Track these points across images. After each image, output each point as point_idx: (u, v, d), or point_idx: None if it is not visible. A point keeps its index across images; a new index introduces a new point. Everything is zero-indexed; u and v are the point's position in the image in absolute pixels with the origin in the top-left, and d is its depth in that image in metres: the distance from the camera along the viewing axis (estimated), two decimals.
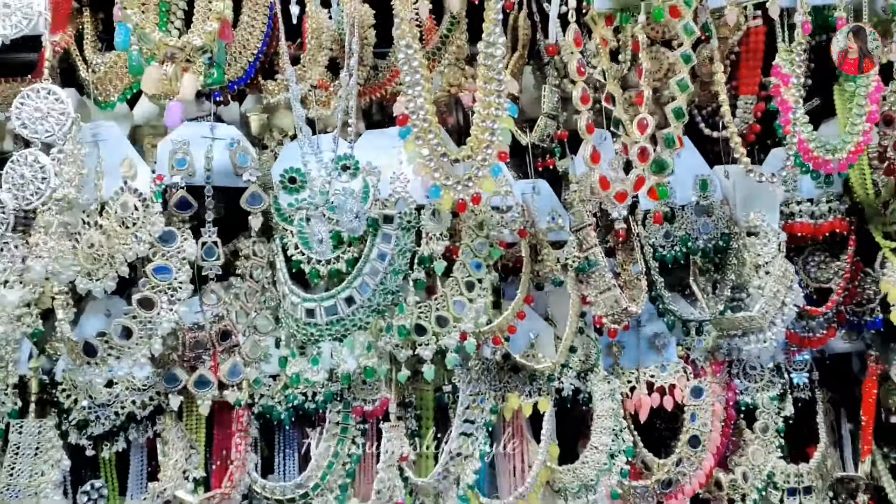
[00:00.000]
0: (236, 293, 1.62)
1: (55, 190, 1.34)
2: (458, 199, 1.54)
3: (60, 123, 1.37)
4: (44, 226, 1.33)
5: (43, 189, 1.34)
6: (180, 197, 1.59)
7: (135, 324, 1.51)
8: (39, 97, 1.37)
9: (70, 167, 1.36)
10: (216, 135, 1.63)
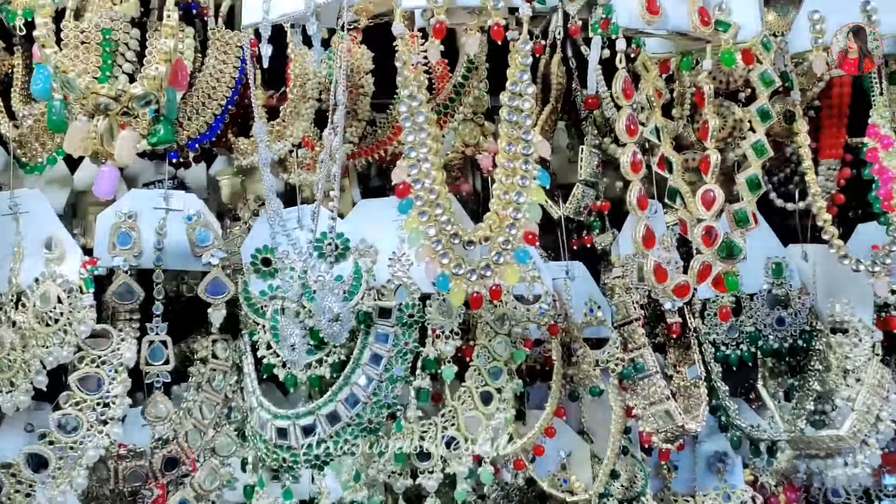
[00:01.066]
0: (189, 408, 1.28)
1: None
2: (472, 293, 1.19)
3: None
4: None
5: None
6: (121, 284, 1.26)
7: (52, 451, 1.17)
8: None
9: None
10: (171, 205, 1.30)
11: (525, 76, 1.18)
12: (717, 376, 1.50)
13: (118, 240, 1.27)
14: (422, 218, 1.19)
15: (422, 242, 1.19)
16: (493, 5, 1.13)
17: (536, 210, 1.20)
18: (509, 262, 1.20)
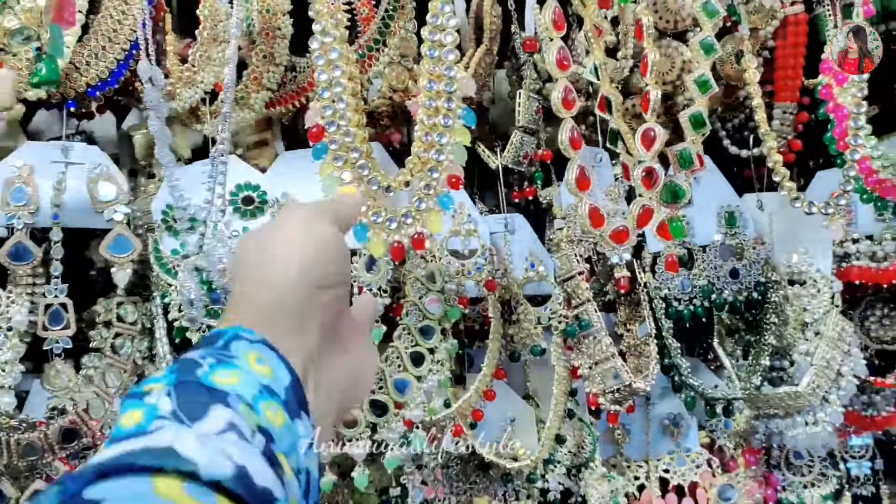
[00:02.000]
0: (89, 375, 1.18)
1: None
2: (392, 243, 1.10)
3: None
4: None
5: None
6: (16, 243, 1.16)
7: None
8: None
9: None
10: (71, 158, 1.20)
11: (447, 7, 1.08)
12: (669, 333, 1.41)
13: (12, 196, 1.17)
14: (337, 163, 1.10)
15: (337, 189, 1.11)
16: None
17: (461, 151, 1.11)
18: (432, 209, 1.11)
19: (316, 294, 0.68)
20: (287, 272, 0.67)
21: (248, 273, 0.68)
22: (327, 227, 0.72)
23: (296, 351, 0.65)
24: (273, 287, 0.66)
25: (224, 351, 0.59)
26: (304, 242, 0.69)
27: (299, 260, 0.68)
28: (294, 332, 0.66)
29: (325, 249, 0.70)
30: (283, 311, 0.66)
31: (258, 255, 0.69)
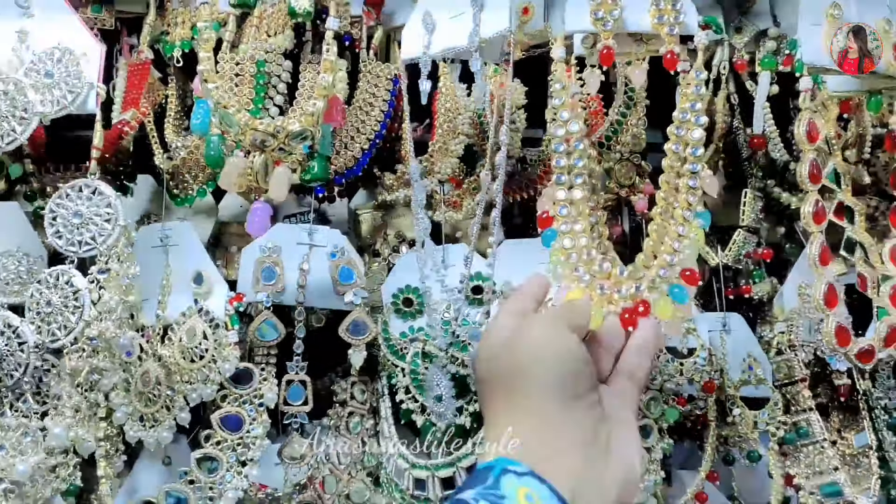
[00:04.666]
0: (327, 452, 1.24)
1: (89, 324, 1.00)
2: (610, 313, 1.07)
3: (105, 234, 1.04)
4: (70, 373, 0.99)
5: (74, 322, 1.00)
6: (264, 320, 1.23)
7: (192, 491, 1.14)
8: (81, 198, 1.04)
9: (112, 293, 1.01)
10: (315, 241, 1.27)
11: (697, 105, 1.08)
12: (891, 447, 1.35)
13: (262, 275, 1.24)
14: (565, 243, 1.09)
15: (565, 273, 1.10)
16: (668, 31, 1.05)
17: (694, 250, 1.10)
18: (662, 294, 1.09)
19: (572, 407, 0.69)
20: (544, 387, 0.68)
21: (501, 384, 0.70)
22: (569, 335, 0.73)
23: (563, 475, 0.66)
24: (532, 404, 0.68)
25: (495, 490, 0.61)
26: (555, 354, 0.70)
27: (554, 373, 0.69)
28: (558, 454, 0.67)
29: (574, 359, 0.71)
30: (545, 430, 0.67)
31: (509, 362, 0.70)
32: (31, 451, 0.97)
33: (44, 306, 1.01)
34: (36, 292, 1.02)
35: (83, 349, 0.99)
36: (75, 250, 1.03)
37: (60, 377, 1.00)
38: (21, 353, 1.00)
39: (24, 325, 1.00)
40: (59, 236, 1.04)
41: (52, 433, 0.97)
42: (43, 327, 1.01)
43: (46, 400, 1.01)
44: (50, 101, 1.05)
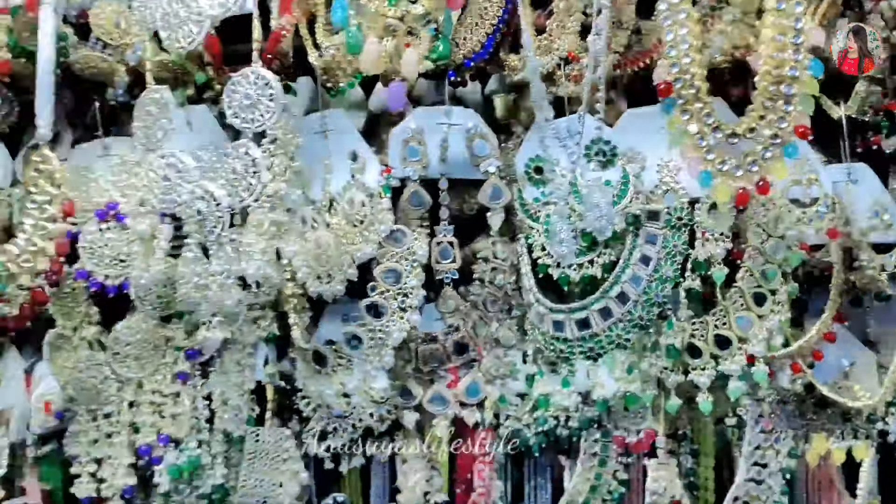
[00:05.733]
0: (474, 301, 1.42)
1: (266, 185, 1.23)
2: (737, 189, 1.19)
3: (271, 111, 1.26)
4: (255, 225, 1.22)
5: (255, 185, 1.24)
6: (413, 192, 1.42)
7: (364, 332, 1.37)
8: (248, 83, 1.27)
9: (282, 159, 1.24)
10: (452, 120, 1.44)
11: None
12: None
13: (408, 153, 1.43)
14: (684, 116, 1.21)
15: (685, 140, 1.21)
16: None
17: (808, 102, 1.17)
18: (777, 157, 1.18)
19: None
20: None
21: None
22: None
23: None
24: None
25: None
26: None
27: None
28: None
29: None
30: None
31: None
32: (234, 291, 1.21)
33: (230, 173, 1.25)
34: (224, 163, 1.26)
35: (263, 206, 1.22)
36: (249, 126, 1.26)
37: (249, 229, 1.24)
38: (217, 213, 1.24)
39: (218, 190, 1.25)
40: (235, 116, 1.27)
41: (248, 273, 1.21)
42: (232, 191, 1.25)
43: (240, 248, 1.25)
44: (218, 4, 1.27)
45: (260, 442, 1.46)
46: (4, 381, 1.50)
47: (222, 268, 1.22)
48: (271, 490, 1.45)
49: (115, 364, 1.42)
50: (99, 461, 1.45)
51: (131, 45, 1.38)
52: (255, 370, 1.46)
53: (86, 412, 1.45)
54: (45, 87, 1.24)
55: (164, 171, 1.28)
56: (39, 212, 1.26)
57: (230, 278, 1.23)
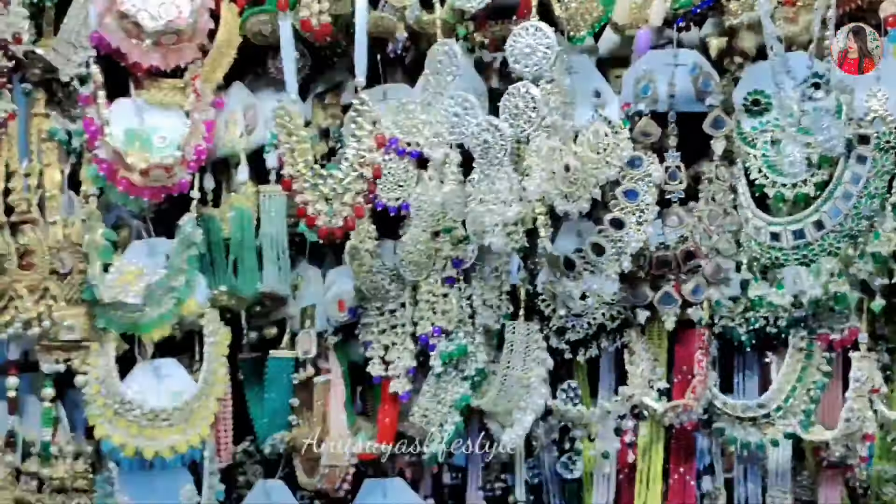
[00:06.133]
0: (699, 216, 1.67)
1: (544, 118, 1.51)
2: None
3: (547, 57, 1.53)
4: (535, 150, 1.51)
5: (534, 118, 1.53)
6: (645, 124, 1.67)
7: (606, 242, 1.64)
8: (528, 34, 1.54)
9: (556, 97, 1.52)
10: (678, 61, 1.67)
11: None
12: None
13: (640, 90, 1.68)
14: None
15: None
16: None
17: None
18: None
19: None
20: None
21: None
22: None
23: None
24: None
25: None
26: None
27: None
28: None
29: None
30: None
31: None
32: (516, 204, 1.51)
33: (513, 109, 1.54)
34: (506, 101, 1.56)
35: (541, 134, 1.51)
36: (528, 70, 1.54)
37: (529, 155, 1.53)
38: (501, 142, 1.54)
39: (501, 123, 1.54)
40: (516, 62, 1.55)
41: (528, 189, 1.50)
42: (514, 123, 1.54)
43: (517, 168, 1.55)
44: None
45: (514, 334, 1.77)
46: (305, 284, 1.87)
47: (505, 186, 1.52)
48: (524, 373, 1.77)
49: (400, 269, 1.75)
50: (386, 347, 1.81)
51: (409, 6, 1.69)
52: (510, 275, 1.77)
53: (375, 309, 1.80)
54: (361, 44, 1.55)
55: (454, 108, 1.59)
56: (359, 144, 1.59)
57: (511, 195, 1.53)
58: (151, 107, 1.63)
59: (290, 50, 1.56)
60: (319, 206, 1.58)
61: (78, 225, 1.68)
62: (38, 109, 1.68)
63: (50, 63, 1.61)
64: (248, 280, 1.76)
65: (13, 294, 1.66)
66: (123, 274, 1.64)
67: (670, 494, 1.82)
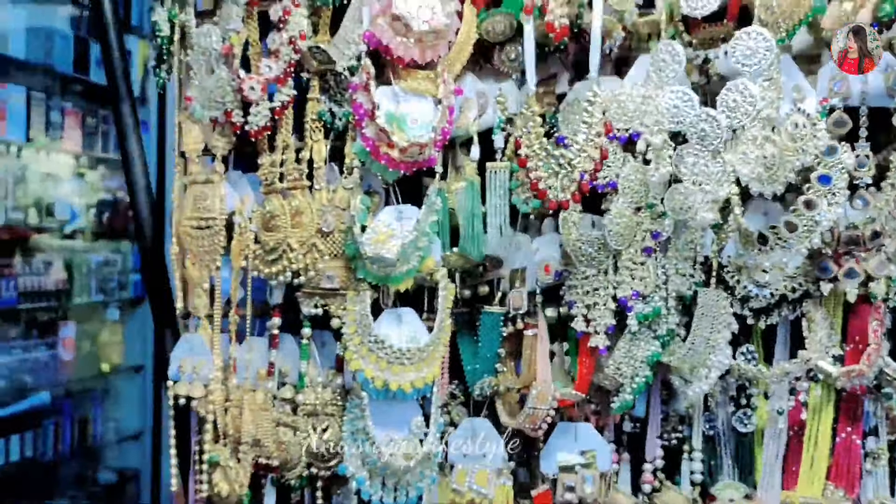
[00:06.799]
0: (886, 199, 1.87)
1: (760, 111, 1.74)
2: None
3: (766, 59, 1.76)
4: (751, 139, 1.75)
5: (751, 111, 1.76)
6: (838, 117, 1.88)
7: (799, 221, 1.86)
8: (750, 38, 1.77)
9: (772, 93, 1.75)
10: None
11: None
12: None
13: (834, 86, 1.88)
14: None
15: None
16: None
17: None
18: None
19: None
20: None
21: None
22: None
23: None
24: None
25: None
26: None
27: None
28: None
29: None
30: None
31: None
32: (726, 185, 1.75)
33: (730, 102, 1.78)
34: (724, 95, 1.79)
35: (756, 125, 1.74)
36: (749, 69, 1.77)
37: (744, 141, 1.77)
38: (718, 131, 1.78)
39: (719, 114, 1.78)
40: (738, 62, 1.78)
41: (742, 172, 1.74)
42: (731, 115, 1.78)
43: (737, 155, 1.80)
44: None
45: (706, 300, 2.01)
46: (515, 250, 2.15)
47: (719, 169, 1.76)
48: (711, 335, 2.01)
49: (607, 238, 2.01)
50: (588, 307, 2.07)
51: (628, 10, 1.93)
52: (704, 247, 2.01)
53: (580, 273, 2.06)
54: (595, 42, 1.81)
55: (674, 101, 1.83)
56: (588, 129, 1.85)
57: (725, 177, 1.76)
58: (407, 94, 1.92)
59: (531, 48, 1.83)
60: (550, 181, 1.85)
61: (340, 191, 2.00)
62: (314, 95, 2.01)
63: (330, 56, 1.93)
64: (476, 244, 2.04)
65: (286, 248, 2.00)
66: (378, 234, 1.94)
67: (836, 452, 2.04)
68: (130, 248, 4.77)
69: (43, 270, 4.24)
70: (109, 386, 4.71)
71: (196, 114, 2.09)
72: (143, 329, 4.73)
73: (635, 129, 1.92)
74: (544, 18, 1.80)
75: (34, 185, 4.17)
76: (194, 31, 2.08)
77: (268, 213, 2.02)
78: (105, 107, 4.60)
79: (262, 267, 2.06)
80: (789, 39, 1.91)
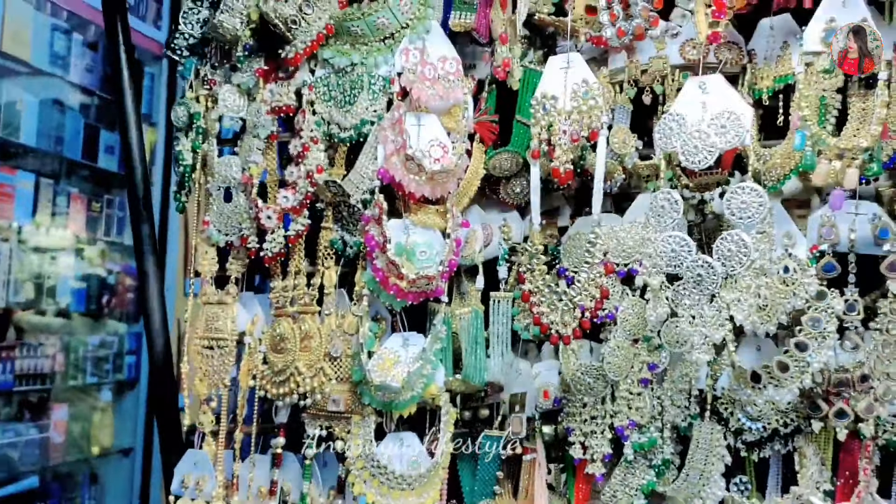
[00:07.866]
0: (875, 344, 1.95)
1: (753, 261, 1.83)
2: None
3: (759, 213, 1.85)
4: (745, 287, 1.83)
5: (744, 260, 1.84)
6: (827, 262, 1.97)
7: (791, 361, 1.93)
8: (744, 192, 1.86)
9: (765, 245, 1.84)
10: (860, 211, 1.96)
11: None
12: None
13: (824, 232, 1.98)
14: None
15: None
16: None
17: None
18: None
19: None
20: None
21: None
22: None
23: None
24: None
25: None
26: None
27: None
28: None
29: None
30: None
31: None
32: (721, 328, 1.83)
33: (725, 251, 1.87)
34: (720, 243, 1.88)
35: (749, 275, 1.84)
36: (742, 221, 1.87)
37: (739, 287, 1.86)
38: (713, 276, 1.86)
39: (714, 262, 1.87)
40: (733, 214, 1.87)
41: (737, 318, 1.82)
42: (726, 262, 1.87)
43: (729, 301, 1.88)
44: (726, 141, 1.88)
45: (701, 432, 2.06)
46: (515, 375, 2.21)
47: (714, 312, 1.84)
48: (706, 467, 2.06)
49: (606, 369, 2.08)
50: (586, 434, 2.12)
51: (629, 154, 2.04)
52: (698, 380, 2.07)
53: (577, 401, 2.12)
54: (599, 184, 1.91)
55: (672, 245, 1.91)
56: (590, 268, 1.94)
57: (719, 320, 1.84)
58: (416, 227, 2.01)
59: (537, 189, 1.93)
60: (553, 317, 1.93)
61: (349, 317, 2.07)
62: (327, 224, 2.09)
63: (345, 190, 2.02)
64: (478, 371, 2.10)
65: (294, 371, 2.05)
66: (384, 360, 2.01)
67: None
68: (127, 329, 4.81)
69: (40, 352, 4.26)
70: (97, 470, 4.68)
71: (213, 237, 2.17)
72: (134, 411, 4.73)
73: (633, 265, 2.01)
74: (550, 163, 1.90)
75: (35, 266, 4.22)
76: (216, 161, 2.18)
77: (277, 336, 2.08)
78: (110, 191, 4.69)
79: (270, 387, 2.11)
80: (781, 186, 2.02)
